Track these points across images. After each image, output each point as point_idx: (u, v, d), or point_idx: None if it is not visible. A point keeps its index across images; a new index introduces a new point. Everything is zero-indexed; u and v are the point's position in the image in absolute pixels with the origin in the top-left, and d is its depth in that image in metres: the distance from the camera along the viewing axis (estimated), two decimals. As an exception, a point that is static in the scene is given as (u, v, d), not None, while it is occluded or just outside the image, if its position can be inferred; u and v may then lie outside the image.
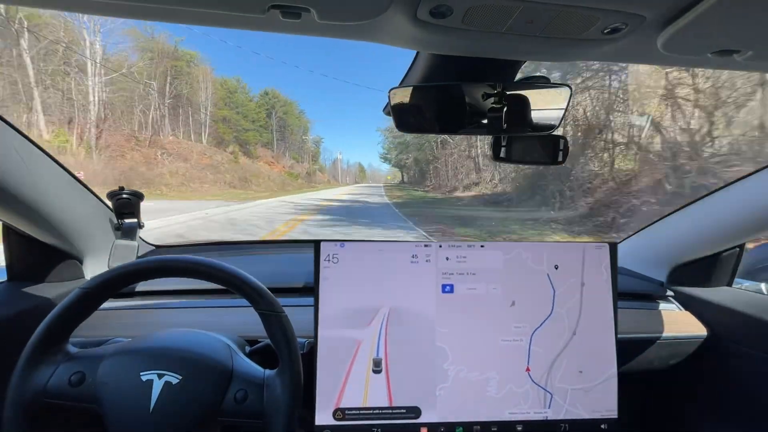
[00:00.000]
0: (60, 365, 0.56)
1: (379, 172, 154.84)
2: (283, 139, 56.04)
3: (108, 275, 0.58)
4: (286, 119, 57.51)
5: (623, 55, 0.55)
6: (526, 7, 0.40)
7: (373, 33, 0.48)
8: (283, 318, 0.60)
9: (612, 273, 0.76)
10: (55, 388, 0.55)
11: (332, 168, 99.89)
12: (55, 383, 0.55)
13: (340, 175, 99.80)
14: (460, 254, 0.74)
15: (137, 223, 1.00)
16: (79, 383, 0.55)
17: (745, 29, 0.42)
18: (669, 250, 1.04)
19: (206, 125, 36.73)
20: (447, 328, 0.72)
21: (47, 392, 0.54)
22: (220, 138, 39.17)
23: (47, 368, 0.55)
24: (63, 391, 0.55)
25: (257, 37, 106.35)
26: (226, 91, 44.57)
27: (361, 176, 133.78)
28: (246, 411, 0.58)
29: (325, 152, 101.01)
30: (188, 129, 34.83)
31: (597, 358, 0.74)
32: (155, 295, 0.93)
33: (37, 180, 0.72)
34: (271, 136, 52.48)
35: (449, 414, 0.70)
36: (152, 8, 0.42)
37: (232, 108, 44.55)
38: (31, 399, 0.54)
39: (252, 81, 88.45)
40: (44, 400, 0.54)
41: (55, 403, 0.55)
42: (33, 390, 0.54)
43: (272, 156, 50.24)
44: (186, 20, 0.45)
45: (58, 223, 0.80)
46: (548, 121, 0.71)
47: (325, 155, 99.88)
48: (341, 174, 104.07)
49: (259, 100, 54.37)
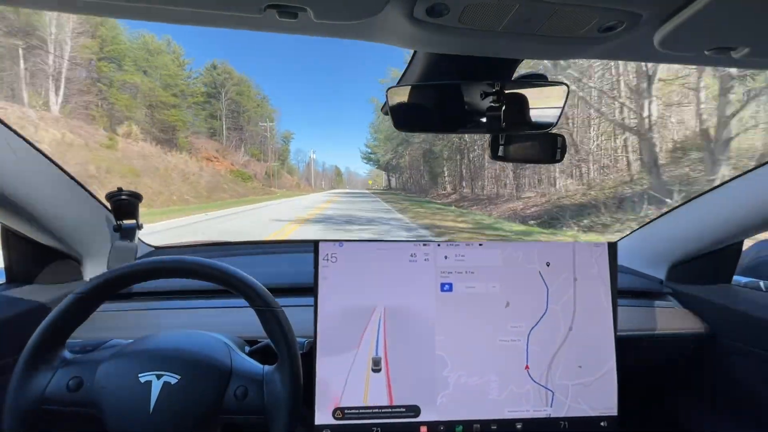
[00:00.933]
0: (57, 371, 0.56)
1: (358, 176, 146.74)
2: (238, 129, 43.67)
3: (101, 279, 0.58)
4: (241, 103, 43.72)
5: (620, 53, 0.55)
6: (523, 5, 0.40)
7: (370, 32, 0.49)
8: (278, 313, 0.60)
9: (611, 271, 0.76)
10: (54, 395, 0.54)
11: (306, 170, 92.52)
12: (53, 389, 0.54)
13: (314, 179, 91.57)
14: (458, 253, 0.74)
15: (136, 224, 1.00)
16: (77, 388, 0.55)
17: (742, 26, 0.42)
18: (668, 247, 1.04)
19: (61, 80, 22.83)
20: (444, 335, 0.71)
21: (45, 399, 0.54)
22: (109, 112, 26.12)
23: (44, 375, 0.55)
24: (61, 397, 0.54)
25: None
26: (144, 51, 31.35)
27: (337, 180, 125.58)
28: (247, 407, 0.58)
29: (299, 154, 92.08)
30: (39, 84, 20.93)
31: (595, 351, 0.74)
32: (154, 296, 0.93)
33: (35, 182, 0.72)
34: (220, 124, 40.33)
35: (449, 413, 0.70)
36: (149, 8, 0.42)
37: (142, 69, 30.50)
38: (30, 406, 0.53)
39: (201, 55, 72.81)
40: (43, 407, 0.54)
41: (54, 409, 0.55)
42: (31, 397, 0.54)
43: (218, 149, 38.37)
44: (182, 20, 0.45)
45: (56, 224, 0.80)
46: (546, 119, 0.72)
47: (300, 157, 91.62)
48: (315, 177, 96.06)
49: (204, 75, 40.50)
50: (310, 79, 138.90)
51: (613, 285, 0.75)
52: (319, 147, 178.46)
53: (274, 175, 47.98)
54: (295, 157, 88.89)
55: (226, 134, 41.86)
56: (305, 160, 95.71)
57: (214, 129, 41.54)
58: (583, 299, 0.75)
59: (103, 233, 0.95)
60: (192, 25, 0.46)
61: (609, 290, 0.75)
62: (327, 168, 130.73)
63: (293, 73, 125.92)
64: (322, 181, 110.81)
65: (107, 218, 0.97)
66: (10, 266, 0.84)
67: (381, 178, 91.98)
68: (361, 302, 0.71)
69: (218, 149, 38.71)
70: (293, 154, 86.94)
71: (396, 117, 0.71)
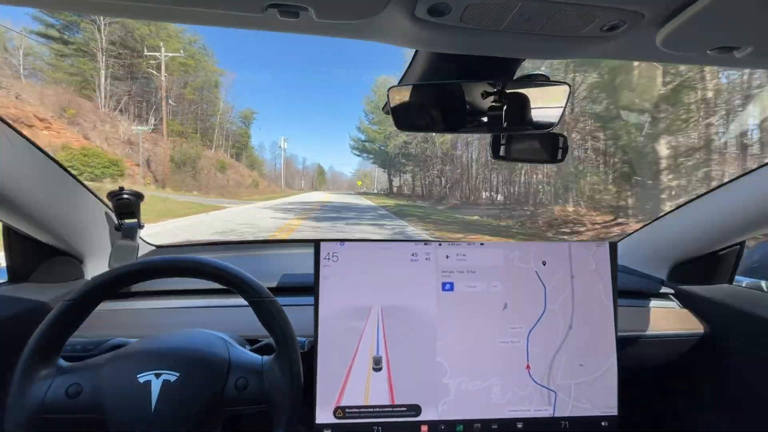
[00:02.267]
0: (54, 379, 0.56)
1: (343, 176, 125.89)
2: (130, 79, 26.90)
3: (90, 285, 0.57)
4: (138, 33, 26.22)
5: (622, 53, 0.55)
6: (524, 4, 0.40)
7: (371, 31, 0.48)
8: (271, 303, 0.61)
9: (612, 270, 0.76)
10: (53, 403, 0.54)
11: (285, 169, 73.51)
12: (52, 398, 0.54)
13: (284, 176, 70.74)
14: (459, 252, 0.74)
15: (137, 223, 1.00)
16: (76, 394, 0.55)
17: (745, 26, 0.42)
18: (669, 247, 1.04)
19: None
20: (444, 340, 0.71)
21: (45, 408, 0.54)
22: None
23: (42, 384, 0.55)
24: (62, 405, 0.54)
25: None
26: None
27: (320, 180, 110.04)
28: (248, 398, 0.58)
29: (274, 148, 73.59)
30: None
31: (596, 349, 0.74)
32: (156, 295, 0.93)
33: (37, 180, 0.73)
34: (92, 67, 24.68)
35: (450, 412, 0.70)
36: (150, 8, 0.42)
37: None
38: (31, 416, 0.53)
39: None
40: (44, 415, 0.54)
41: (56, 417, 0.55)
42: (31, 407, 0.53)
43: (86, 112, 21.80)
44: (184, 19, 0.45)
45: (58, 223, 0.80)
46: (547, 119, 0.72)
47: (275, 152, 73.58)
48: (288, 174, 76.76)
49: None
50: (289, 64, 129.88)
51: (614, 284, 0.75)
52: (300, 144, 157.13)
53: (223, 168, 31.81)
54: (272, 151, 74.04)
55: (106, 91, 25.14)
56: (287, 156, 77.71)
57: (85, 78, 25.22)
58: (581, 296, 0.74)
59: (104, 232, 0.96)
60: (193, 24, 0.46)
61: (608, 287, 0.75)
62: (308, 166, 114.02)
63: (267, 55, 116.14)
64: (302, 180, 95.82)
65: (108, 217, 0.97)
66: (11, 265, 0.84)
67: (371, 179, 74.75)
68: (361, 301, 0.71)
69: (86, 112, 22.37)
70: (270, 148, 72.01)
71: (397, 116, 0.71)
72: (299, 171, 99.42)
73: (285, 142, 73.47)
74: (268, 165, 69.92)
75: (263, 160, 63.28)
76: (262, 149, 72.04)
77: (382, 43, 0.53)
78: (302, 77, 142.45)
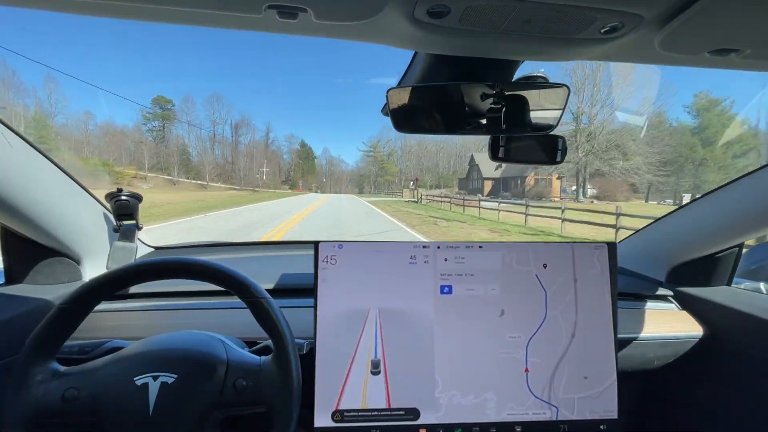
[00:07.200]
0: (51, 383, 0.55)
1: (345, 166, 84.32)
2: None
3: (86, 288, 0.57)
4: None
5: (621, 55, 0.55)
6: (523, 6, 0.40)
7: (370, 33, 0.48)
8: (266, 302, 0.60)
9: (611, 273, 0.75)
10: (50, 407, 0.54)
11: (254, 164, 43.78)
12: (48, 402, 0.54)
13: (244, 173, 44.29)
14: (458, 255, 0.73)
15: (136, 224, 1.00)
16: (73, 399, 0.55)
17: (744, 28, 0.42)
18: (668, 249, 1.04)
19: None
20: (440, 346, 0.70)
21: (42, 412, 0.53)
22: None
23: (39, 388, 0.54)
24: (59, 409, 0.54)
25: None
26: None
27: (303, 172, 71.86)
28: (247, 398, 0.58)
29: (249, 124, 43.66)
30: None
31: (601, 359, 0.71)
32: (155, 296, 0.92)
33: (34, 181, 0.72)
34: None
35: (448, 416, 0.69)
36: (150, 8, 0.42)
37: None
38: (28, 421, 0.53)
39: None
40: (40, 420, 0.53)
41: (53, 422, 0.54)
42: (27, 412, 0.53)
43: None
44: (183, 21, 0.45)
45: (56, 225, 0.79)
46: (546, 121, 0.71)
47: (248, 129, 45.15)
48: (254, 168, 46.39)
49: None
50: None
51: (613, 286, 0.75)
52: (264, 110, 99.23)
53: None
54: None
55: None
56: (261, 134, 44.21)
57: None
58: (585, 302, 0.72)
59: (102, 234, 0.95)
60: (192, 25, 0.46)
61: (609, 290, 0.74)
62: (280, 141, 65.37)
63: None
64: (262, 177, 57.63)
65: (107, 219, 0.97)
66: (9, 266, 0.83)
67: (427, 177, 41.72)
68: (360, 304, 0.71)
69: None
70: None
71: (396, 118, 0.70)
72: (258, 149, 58.61)
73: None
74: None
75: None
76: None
77: (381, 44, 0.53)
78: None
